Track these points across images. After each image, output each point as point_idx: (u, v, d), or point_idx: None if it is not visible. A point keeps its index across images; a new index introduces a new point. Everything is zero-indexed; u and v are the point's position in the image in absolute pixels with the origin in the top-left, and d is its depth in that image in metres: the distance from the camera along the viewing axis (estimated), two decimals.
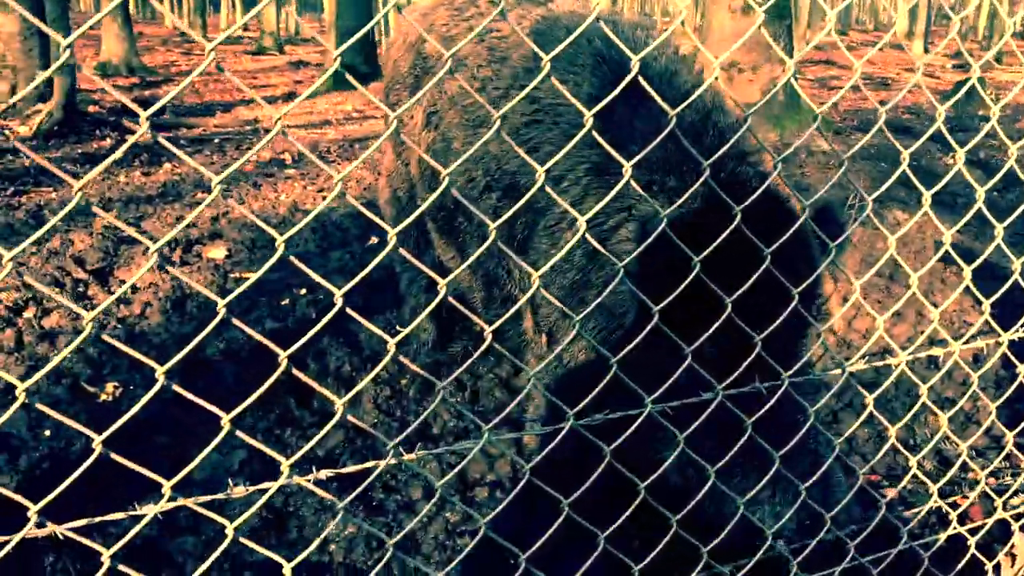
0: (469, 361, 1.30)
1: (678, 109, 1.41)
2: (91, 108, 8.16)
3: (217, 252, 4.19)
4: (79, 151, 6.77)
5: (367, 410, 2.75)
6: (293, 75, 14.42)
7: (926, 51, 23.99)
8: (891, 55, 22.31)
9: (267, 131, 8.57)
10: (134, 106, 1.01)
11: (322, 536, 1.24)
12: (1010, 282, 1.75)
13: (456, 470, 1.30)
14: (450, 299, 1.25)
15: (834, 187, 5.86)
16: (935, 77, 17.34)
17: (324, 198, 5.71)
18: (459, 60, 2.51)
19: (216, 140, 7.85)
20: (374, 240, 4.47)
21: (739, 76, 7.77)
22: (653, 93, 1.36)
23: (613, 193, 1.51)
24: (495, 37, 2.45)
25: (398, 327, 3.30)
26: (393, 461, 1.21)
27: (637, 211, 2.06)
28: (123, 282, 3.63)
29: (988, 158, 7.06)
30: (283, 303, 3.61)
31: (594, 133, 1.31)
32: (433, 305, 1.28)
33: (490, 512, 1.55)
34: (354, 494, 1.27)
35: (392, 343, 1.15)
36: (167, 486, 1.06)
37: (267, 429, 2.60)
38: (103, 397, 2.72)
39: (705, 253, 1.47)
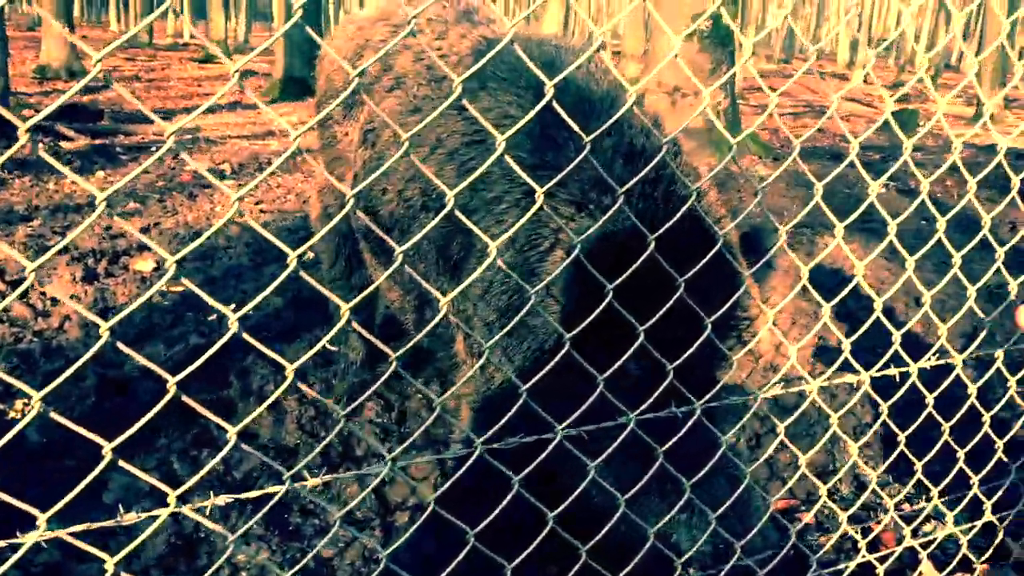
0: (364, 396, 1.26)
1: (598, 132, 1.41)
2: (26, 112, 7.94)
3: (145, 264, 4.08)
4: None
5: (290, 431, 2.68)
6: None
7: (865, 81, 24.67)
8: (832, 84, 22.88)
9: (208, 140, 8.43)
10: (12, 117, 0.96)
11: (216, 565, 1.20)
12: (921, 312, 1.78)
13: (356, 501, 1.27)
14: (355, 324, 1.21)
15: (770, 212, 5.99)
16: (872, 107, 17.83)
17: (262, 210, 5.62)
18: (398, 78, 2.48)
19: (154, 148, 7.69)
20: (311, 255, 4.41)
21: (682, 101, 7.88)
22: (566, 117, 1.36)
23: (528, 216, 1.49)
24: (438, 56, 2.44)
25: (327, 346, 3.24)
26: (288, 488, 1.18)
27: (568, 233, 2.06)
28: (43, 295, 3.51)
29: (918, 186, 7.24)
30: (211, 319, 3.52)
31: (507, 157, 1.30)
32: (334, 332, 1.25)
33: (407, 537, 1.51)
34: (252, 522, 1.22)
35: (291, 369, 1.11)
36: (42, 519, 1.01)
37: (183, 450, 2.52)
38: (12, 414, 2.62)
39: (620, 280, 1.47)
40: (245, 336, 1.12)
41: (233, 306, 3.62)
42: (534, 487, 1.41)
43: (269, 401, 1.07)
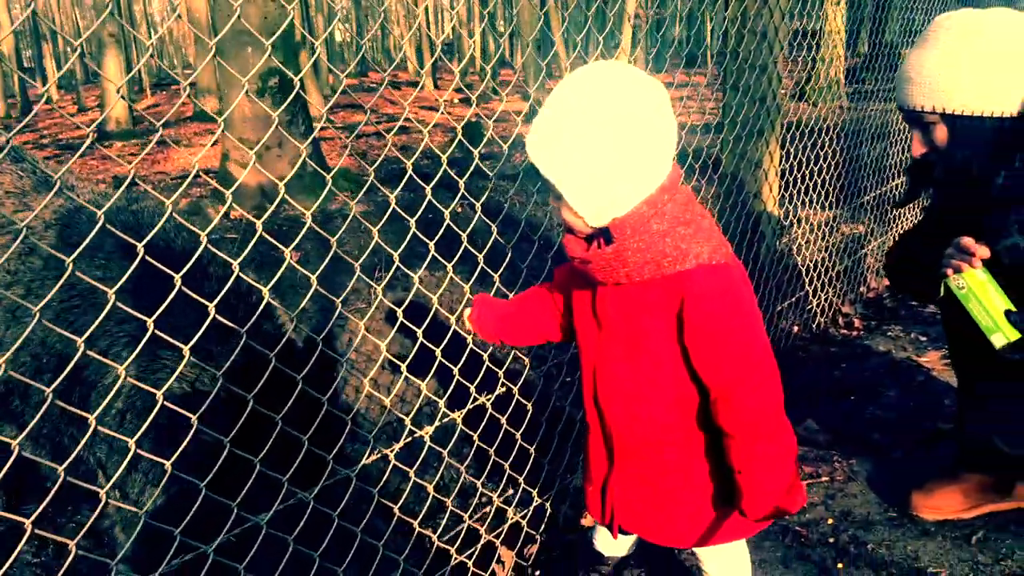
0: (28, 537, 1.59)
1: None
2: None
3: None
4: None
5: None
6: None
7: (436, 87, 26.84)
8: (409, 93, 24.42)
9: None
10: None
11: None
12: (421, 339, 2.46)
13: None
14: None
15: (361, 249, 6.63)
16: (449, 113, 19.50)
17: None
18: None
19: None
20: None
21: (268, 153, 8.28)
22: (160, 266, 1.69)
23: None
24: (19, 229, 2.63)
25: None
26: None
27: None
28: None
29: (492, 202, 8.37)
30: None
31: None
32: None
33: None
34: None
35: None
36: None
37: None
38: None
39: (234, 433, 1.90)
40: None
41: None
42: None
43: None
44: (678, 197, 1.65)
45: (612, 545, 2.34)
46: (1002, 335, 1.97)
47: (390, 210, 2.14)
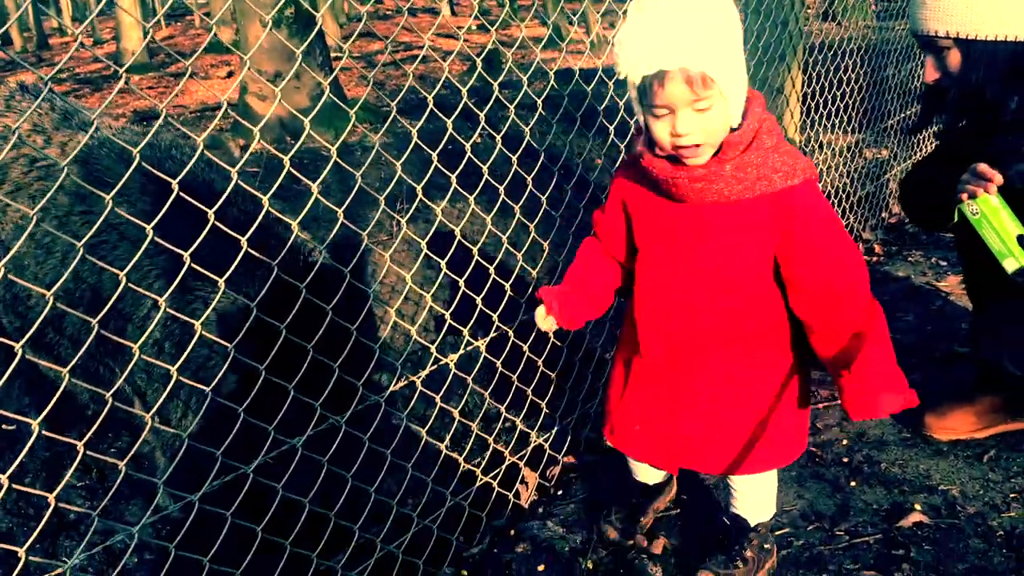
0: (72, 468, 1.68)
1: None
2: None
3: None
4: None
5: None
6: None
7: (453, 13, 26.34)
8: (426, 20, 24.00)
9: None
10: None
11: None
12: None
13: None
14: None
15: (382, 182, 6.65)
16: (465, 40, 19.07)
17: None
18: (18, 188, 2.70)
19: None
20: None
21: (285, 85, 8.25)
22: (194, 202, 1.75)
23: (172, 289, 1.95)
24: (46, 165, 2.69)
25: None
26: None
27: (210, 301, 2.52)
28: None
29: (512, 132, 8.31)
30: None
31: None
32: None
33: None
34: None
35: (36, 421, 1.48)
36: None
37: None
38: None
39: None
40: None
41: None
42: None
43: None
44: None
45: (650, 474, 2.38)
46: (1014, 260, 1.99)
47: (412, 143, 2.17)
